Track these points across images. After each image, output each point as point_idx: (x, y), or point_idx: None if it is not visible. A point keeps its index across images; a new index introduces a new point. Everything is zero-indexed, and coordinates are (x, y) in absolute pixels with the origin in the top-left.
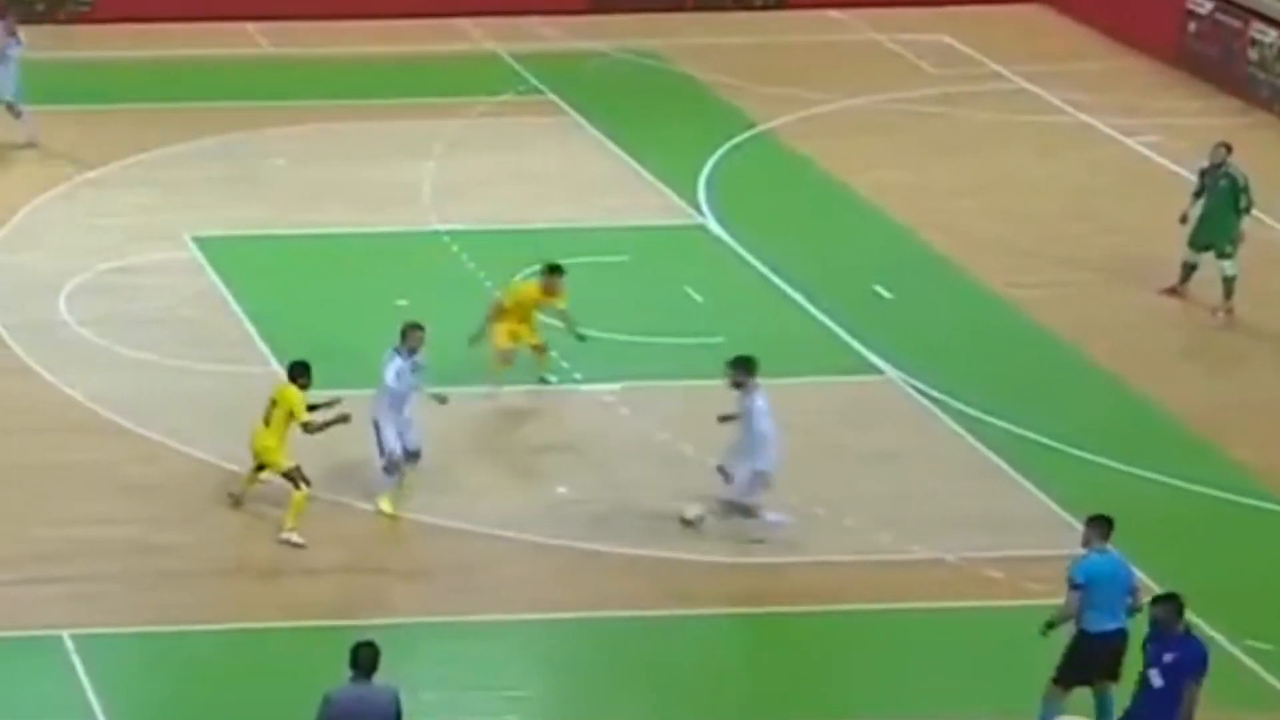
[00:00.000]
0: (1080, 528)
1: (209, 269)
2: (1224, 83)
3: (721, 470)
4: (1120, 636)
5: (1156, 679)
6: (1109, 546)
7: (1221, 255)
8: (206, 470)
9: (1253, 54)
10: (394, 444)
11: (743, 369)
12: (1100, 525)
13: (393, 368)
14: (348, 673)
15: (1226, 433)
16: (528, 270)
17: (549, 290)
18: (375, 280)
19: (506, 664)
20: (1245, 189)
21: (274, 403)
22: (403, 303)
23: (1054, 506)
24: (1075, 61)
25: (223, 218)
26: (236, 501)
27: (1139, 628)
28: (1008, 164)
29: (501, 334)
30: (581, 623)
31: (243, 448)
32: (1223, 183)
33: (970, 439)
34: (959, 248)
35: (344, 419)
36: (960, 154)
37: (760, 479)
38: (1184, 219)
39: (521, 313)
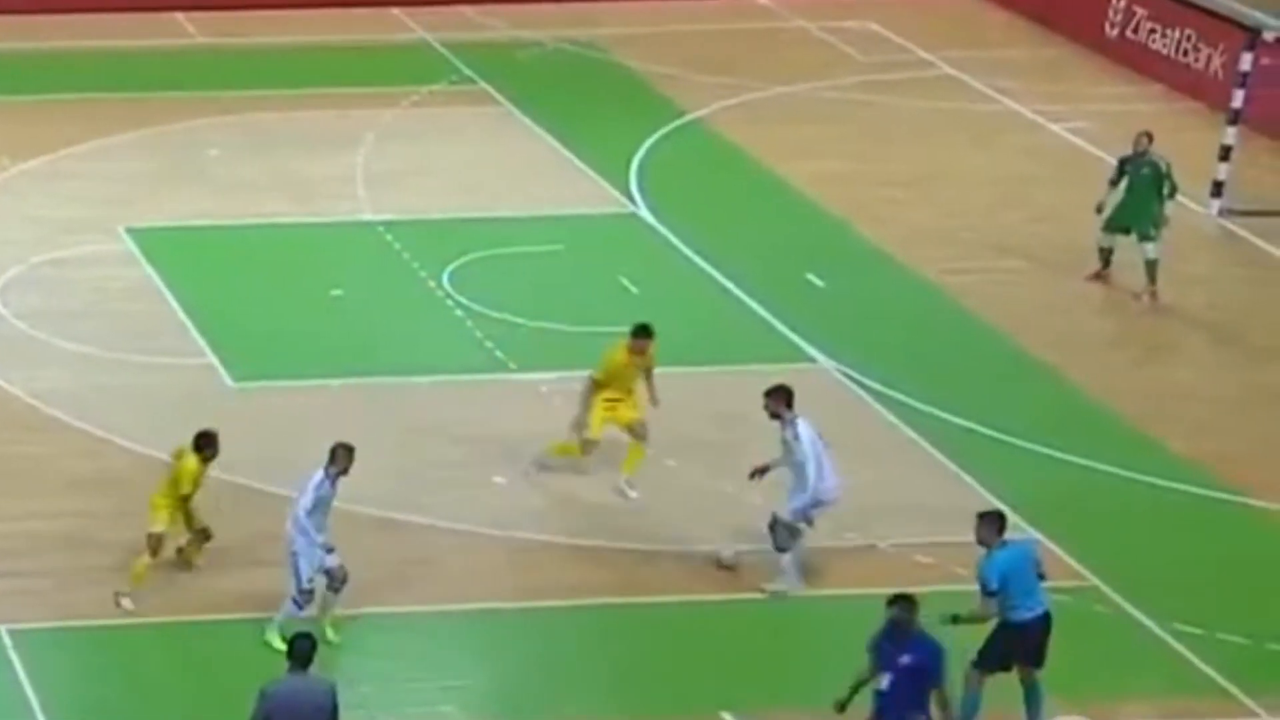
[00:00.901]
0: (1012, 514)
1: (143, 261)
2: (1149, 69)
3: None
4: (1043, 621)
5: (886, 682)
6: (1005, 538)
7: (1144, 238)
8: (146, 464)
9: (1175, 41)
10: (312, 574)
11: (781, 399)
12: (994, 520)
13: (316, 493)
14: (285, 665)
15: (1156, 419)
16: (463, 260)
17: (637, 351)
18: (310, 271)
19: (445, 655)
20: (1169, 175)
21: (175, 458)
22: (337, 293)
23: (984, 493)
24: (1002, 49)
25: (157, 209)
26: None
27: None
28: (938, 151)
29: (598, 418)
30: (519, 613)
31: (185, 441)
32: (1145, 170)
33: (902, 426)
34: (890, 235)
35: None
36: (891, 142)
37: (817, 509)
38: (1099, 208)
39: (619, 383)
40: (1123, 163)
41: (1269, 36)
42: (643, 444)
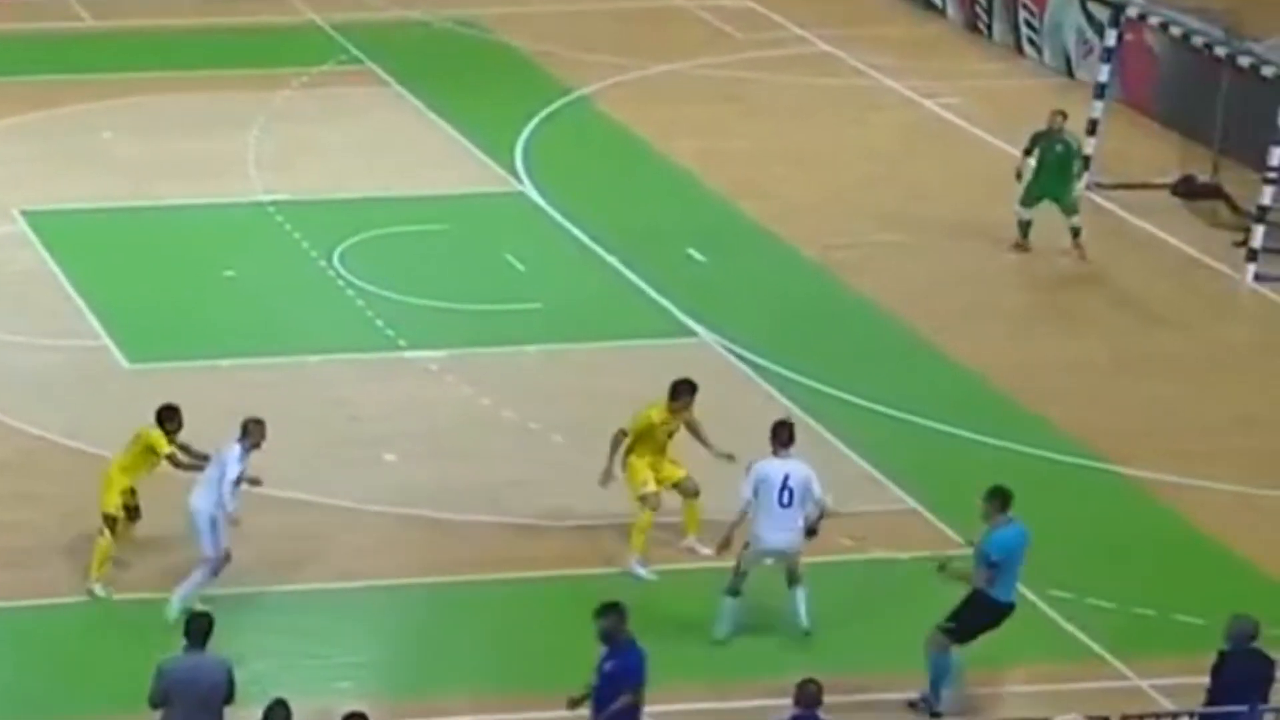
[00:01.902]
0: (889, 483)
1: (37, 243)
2: (1018, 46)
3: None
4: (1014, 607)
5: (596, 683)
6: (1011, 515)
7: (1067, 211)
8: (44, 447)
9: (1036, 20)
10: (225, 544)
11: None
12: (1001, 497)
13: (237, 466)
14: (182, 643)
15: (1028, 389)
16: (353, 240)
17: (678, 410)
18: (203, 252)
19: (338, 632)
20: (1079, 154)
21: (136, 435)
22: (230, 273)
23: (864, 465)
24: (876, 25)
25: (51, 192)
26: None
27: None
28: (816, 128)
29: (639, 470)
30: (411, 589)
31: (80, 422)
32: (1058, 148)
33: (783, 399)
34: (771, 211)
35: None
36: (770, 118)
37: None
38: (1019, 175)
39: (649, 441)
40: (1036, 138)
41: (1133, 12)
42: (696, 500)
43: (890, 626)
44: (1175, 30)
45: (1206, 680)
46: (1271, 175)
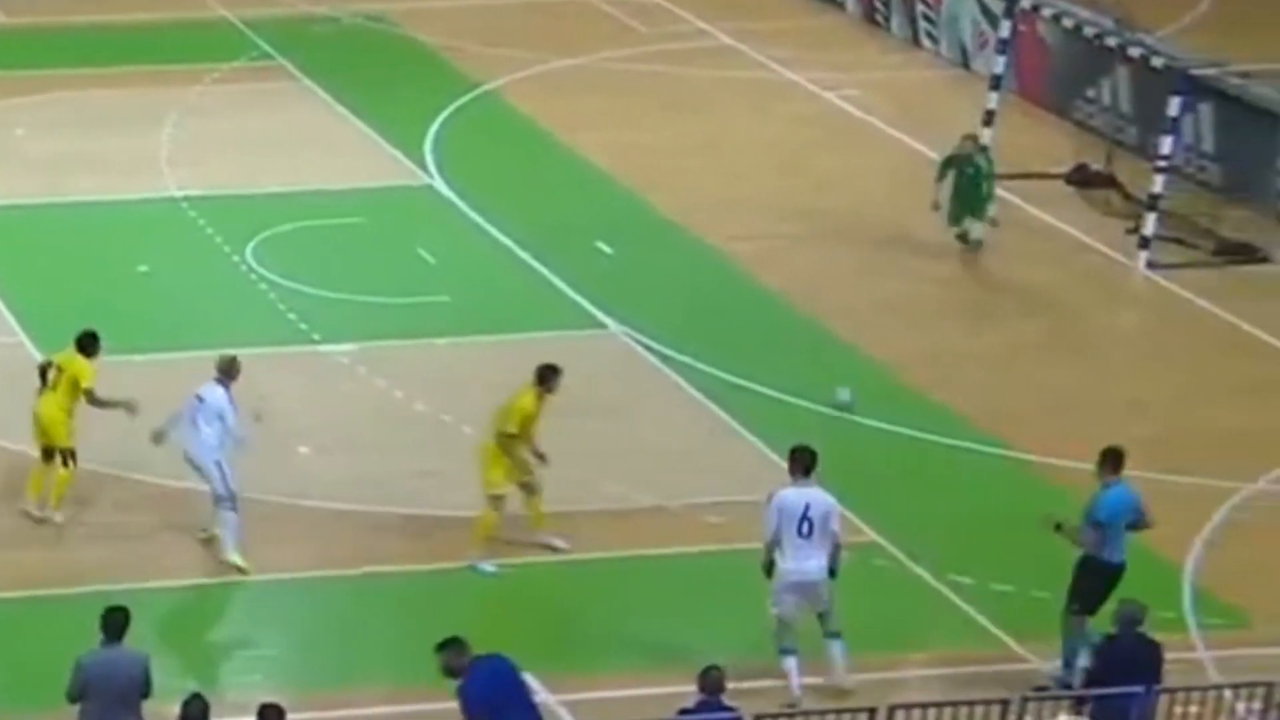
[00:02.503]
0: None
1: None
2: (915, 39)
3: None
4: (1125, 568)
5: None
6: (1120, 477)
7: (974, 216)
8: None
9: (933, 12)
10: (235, 484)
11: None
12: (1112, 459)
13: (233, 409)
14: (99, 638)
15: (925, 377)
16: (265, 234)
17: (549, 392)
18: (117, 247)
19: (255, 625)
20: (990, 176)
21: (59, 370)
22: (144, 269)
23: (769, 453)
24: (777, 19)
25: None
26: (39, 520)
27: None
28: (720, 120)
29: (497, 468)
30: (326, 581)
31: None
32: (969, 170)
33: (691, 390)
34: (675, 204)
35: (130, 409)
36: (675, 111)
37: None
38: (935, 206)
39: (526, 436)
40: (947, 162)
41: (1026, 4)
42: (539, 496)
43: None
44: (1067, 22)
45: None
46: (1162, 164)
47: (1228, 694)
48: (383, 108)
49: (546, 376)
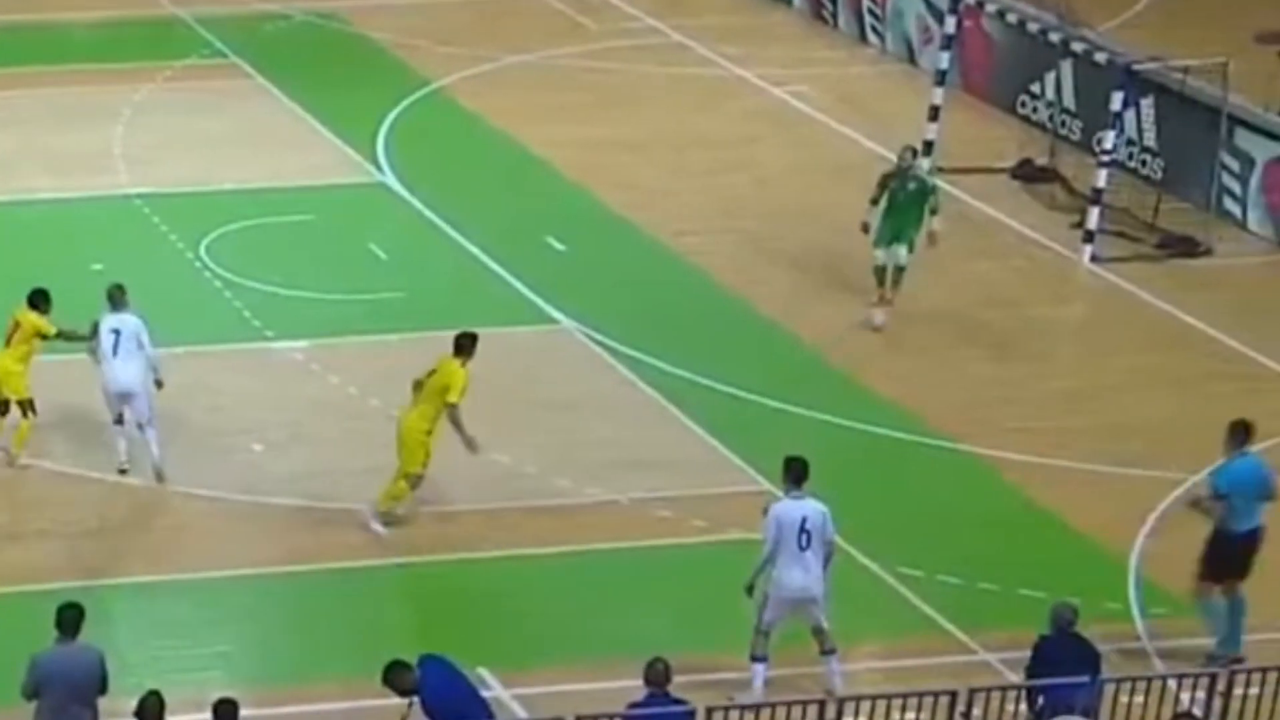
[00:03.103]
0: (745, 466)
1: None
2: (861, 35)
3: None
4: (1252, 536)
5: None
6: (1248, 450)
7: (900, 242)
8: None
9: (879, 8)
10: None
11: (787, 472)
12: (1240, 432)
13: (144, 327)
14: (54, 635)
15: (872, 371)
16: (219, 232)
17: (470, 357)
18: (70, 246)
19: (208, 621)
20: (934, 191)
21: (16, 325)
22: (98, 267)
23: (719, 447)
24: (726, 15)
25: None
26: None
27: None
28: (670, 117)
29: (425, 448)
30: (281, 577)
31: None
32: (911, 185)
33: (641, 384)
34: (626, 199)
35: (87, 338)
36: (625, 107)
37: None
38: (865, 228)
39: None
40: (885, 178)
41: (970, 0)
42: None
43: (748, 605)
44: (1011, 17)
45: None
46: (1105, 159)
47: (1172, 683)
48: (335, 105)
49: (466, 345)
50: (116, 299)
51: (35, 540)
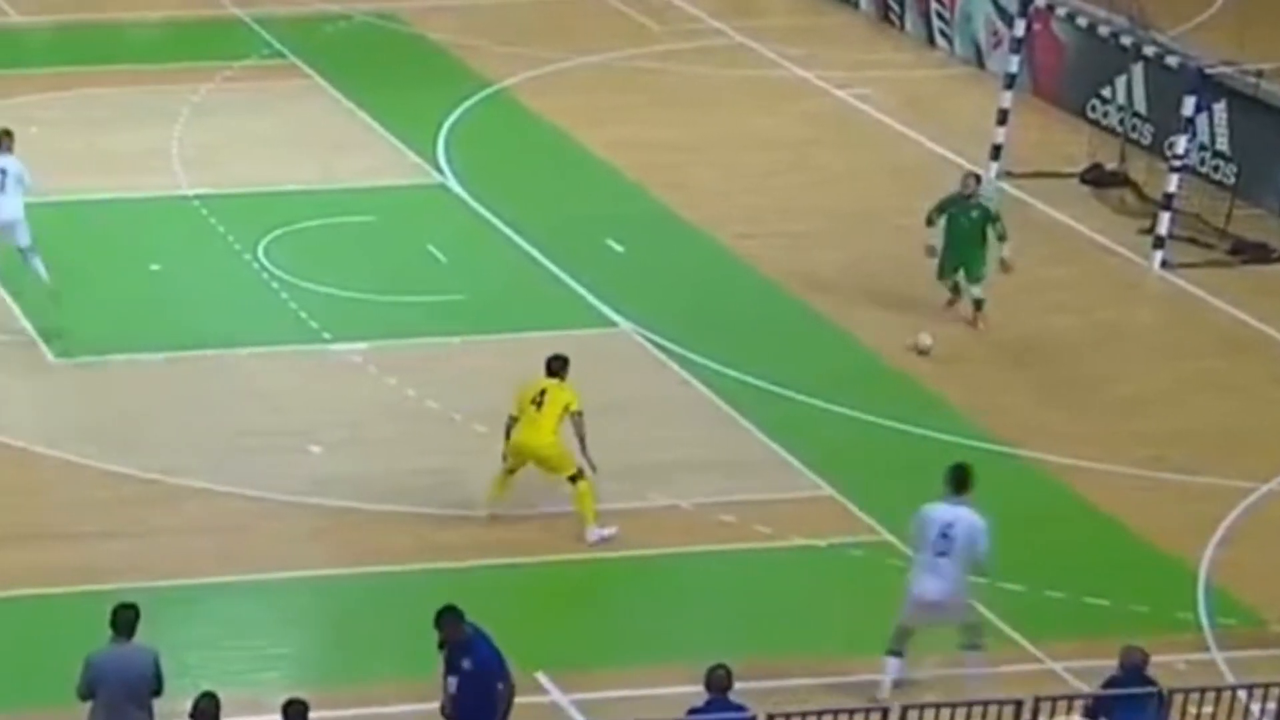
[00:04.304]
0: (806, 470)
1: None
2: (929, 38)
3: None
4: None
5: (454, 685)
6: None
7: (973, 279)
8: None
9: (947, 11)
10: None
11: (949, 481)
12: None
13: (24, 166)
14: (108, 635)
15: (937, 375)
16: (277, 233)
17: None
18: (129, 246)
19: (267, 622)
20: (998, 218)
21: (541, 393)
22: (156, 267)
23: (779, 450)
24: (790, 17)
25: None
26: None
27: None
28: (731, 118)
29: (565, 453)
30: (338, 579)
31: (5, 417)
32: (974, 213)
33: (701, 387)
34: (686, 201)
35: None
36: (686, 109)
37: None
38: (931, 251)
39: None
40: (944, 204)
41: (1041, 3)
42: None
43: (810, 612)
44: (1082, 21)
45: (1113, 662)
46: (1177, 163)
47: (1242, 695)
48: (394, 106)
49: (558, 369)
50: (4, 142)
51: (94, 541)
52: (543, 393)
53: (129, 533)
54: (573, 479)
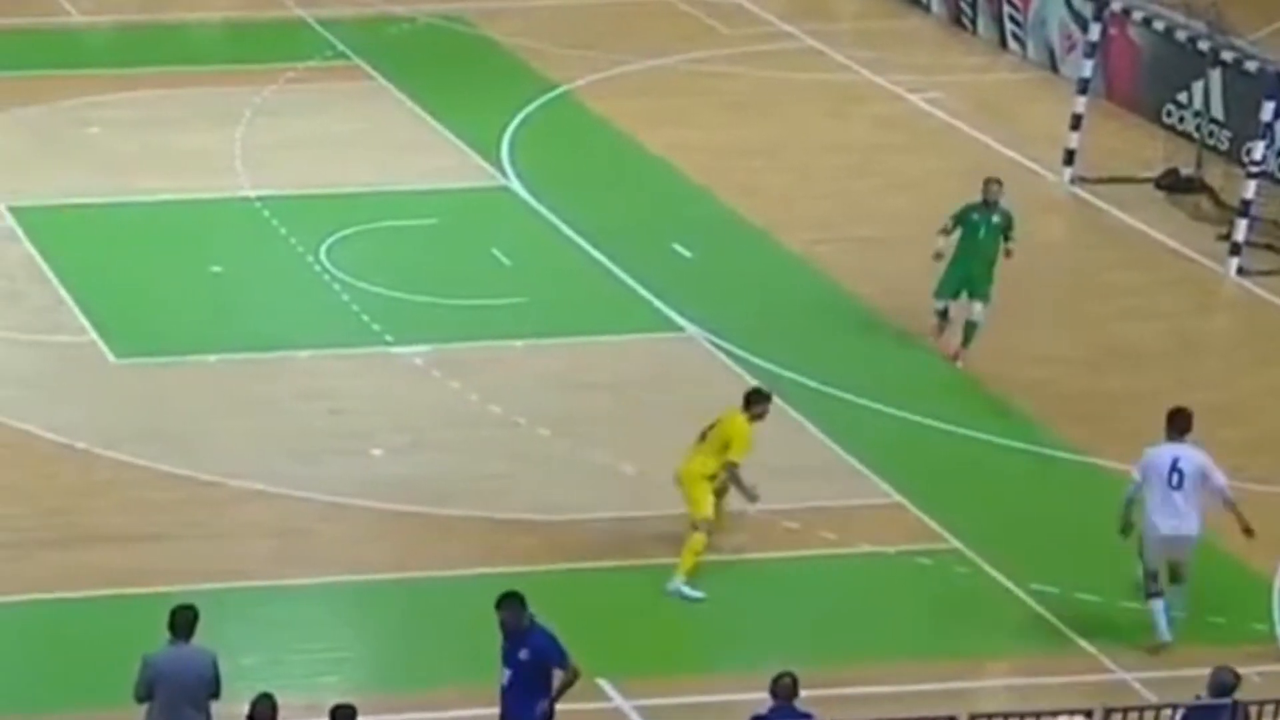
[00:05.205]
0: (873, 477)
1: (24, 239)
2: (1002, 41)
3: None
4: None
5: (506, 678)
6: None
7: (976, 297)
8: (29, 441)
9: (1020, 14)
10: None
11: (1171, 424)
12: None
13: None
14: (166, 636)
15: (1009, 382)
16: (339, 235)
17: (759, 416)
18: (190, 247)
19: (326, 626)
20: (1012, 226)
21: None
22: (217, 269)
23: (847, 457)
24: (860, 20)
25: (39, 187)
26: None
27: None
28: (801, 122)
29: (707, 493)
30: (399, 583)
31: (67, 418)
32: (995, 219)
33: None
34: (755, 205)
35: None
36: (755, 113)
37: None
38: (939, 256)
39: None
40: (963, 213)
41: (1116, 7)
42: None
43: (877, 620)
44: (1159, 25)
45: (1188, 673)
46: (1254, 169)
47: None
48: (459, 108)
49: (755, 401)
50: None
51: (153, 543)
52: (714, 425)
53: (188, 535)
54: (695, 525)
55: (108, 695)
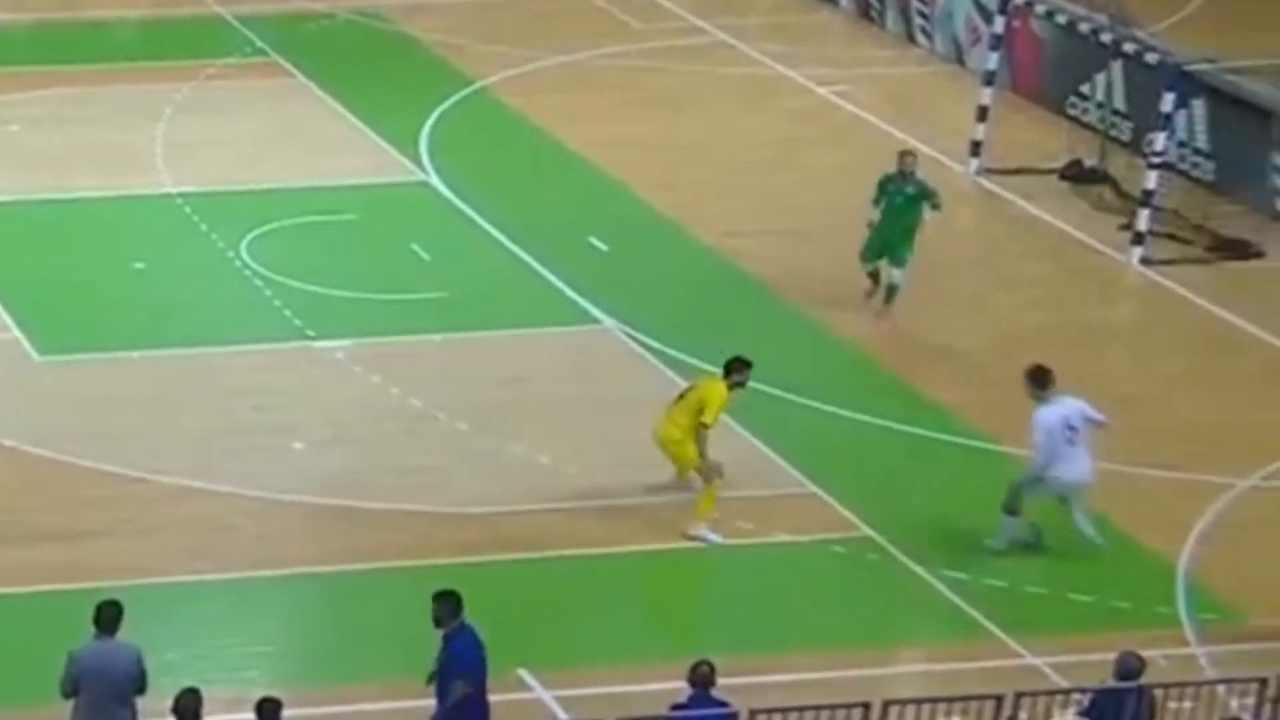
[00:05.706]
0: (789, 468)
1: None
2: (909, 35)
3: None
4: None
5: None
6: None
7: (895, 263)
8: None
9: (927, 8)
10: None
11: (1031, 379)
12: None
13: None
14: (91, 632)
15: (919, 371)
16: (260, 230)
17: (740, 385)
18: (112, 244)
19: (251, 620)
20: (934, 193)
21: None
22: (140, 265)
23: (763, 448)
24: (771, 15)
25: None
26: None
27: None
28: (714, 117)
29: (689, 446)
30: (320, 577)
31: None
32: (910, 189)
33: (683, 384)
34: (668, 199)
35: None
36: (669, 108)
37: (1042, 484)
38: (871, 224)
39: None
40: (884, 183)
41: (1020, 0)
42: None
43: (793, 609)
44: (1061, 18)
45: (1095, 657)
46: (1155, 160)
47: (1221, 689)
48: (377, 104)
49: (736, 369)
50: None
51: (80, 539)
52: (693, 387)
53: (114, 531)
54: (704, 478)
55: (34, 693)
